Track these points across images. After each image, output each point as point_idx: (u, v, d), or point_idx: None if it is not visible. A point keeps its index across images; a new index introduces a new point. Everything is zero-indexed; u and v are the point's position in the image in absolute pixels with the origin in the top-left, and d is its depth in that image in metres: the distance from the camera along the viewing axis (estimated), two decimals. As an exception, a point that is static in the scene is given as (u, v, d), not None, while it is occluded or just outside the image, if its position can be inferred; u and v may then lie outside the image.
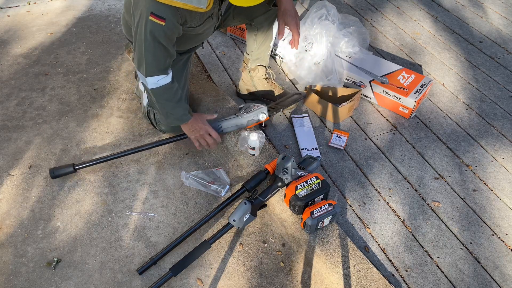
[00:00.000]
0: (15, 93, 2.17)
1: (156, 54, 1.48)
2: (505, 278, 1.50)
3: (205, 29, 1.62)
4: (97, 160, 1.76)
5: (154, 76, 1.54)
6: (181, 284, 1.48)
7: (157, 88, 1.57)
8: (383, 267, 1.50)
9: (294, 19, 1.70)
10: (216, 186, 1.74)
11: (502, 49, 2.62)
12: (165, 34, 1.44)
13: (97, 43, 2.53)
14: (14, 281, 1.46)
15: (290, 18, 1.70)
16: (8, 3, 2.84)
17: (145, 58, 1.49)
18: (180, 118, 1.69)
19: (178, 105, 1.65)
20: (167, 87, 1.58)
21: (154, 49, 1.47)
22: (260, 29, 1.84)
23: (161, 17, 1.39)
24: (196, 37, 1.68)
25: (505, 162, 1.91)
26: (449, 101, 2.22)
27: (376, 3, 2.99)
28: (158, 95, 1.60)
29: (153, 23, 1.40)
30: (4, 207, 1.67)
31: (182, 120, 1.70)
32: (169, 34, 1.46)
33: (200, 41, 1.79)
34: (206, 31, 1.67)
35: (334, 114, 2.01)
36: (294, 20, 1.70)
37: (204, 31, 1.65)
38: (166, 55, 1.51)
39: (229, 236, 1.62)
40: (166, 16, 1.39)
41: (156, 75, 1.53)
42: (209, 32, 1.70)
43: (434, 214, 1.68)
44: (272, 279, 1.51)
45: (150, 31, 1.42)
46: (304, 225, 1.51)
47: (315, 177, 1.56)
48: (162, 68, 1.54)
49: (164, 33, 1.43)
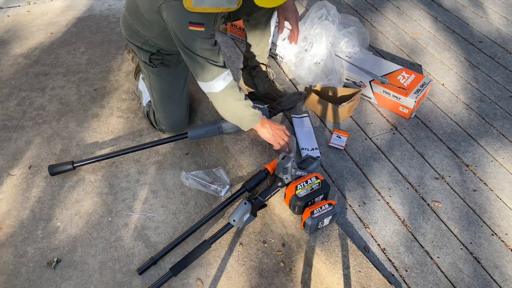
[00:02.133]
0: (15, 93, 2.17)
1: (209, 58, 1.49)
2: (505, 278, 1.50)
3: (217, 27, 1.64)
4: (96, 158, 1.76)
5: (219, 76, 1.52)
6: (181, 284, 1.48)
7: (226, 88, 1.54)
8: (383, 267, 1.50)
9: (294, 14, 1.71)
10: (216, 186, 1.74)
11: (502, 49, 2.62)
12: (207, 37, 1.46)
13: (97, 43, 2.53)
14: (14, 281, 1.46)
15: (291, 13, 1.71)
16: (8, 3, 2.84)
17: (202, 65, 1.49)
18: (253, 116, 1.61)
19: (248, 103, 1.60)
20: (234, 84, 1.56)
21: (205, 55, 1.48)
22: (258, 25, 1.84)
23: (199, 23, 1.41)
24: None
25: (505, 162, 1.91)
26: (449, 101, 2.22)
27: (376, 3, 2.99)
28: (229, 96, 1.56)
29: (193, 32, 1.42)
30: (4, 207, 1.67)
31: (256, 118, 1.62)
32: (209, 37, 1.48)
33: None
34: (216, 29, 1.68)
35: (334, 114, 2.01)
36: (294, 15, 1.71)
37: (216, 29, 1.66)
38: (217, 53, 1.52)
39: (229, 236, 1.62)
40: (203, 21, 1.41)
41: (219, 74, 1.52)
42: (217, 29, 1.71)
43: (434, 214, 1.68)
44: (272, 279, 1.51)
45: (194, 40, 1.44)
46: (304, 225, 1.51)
47: (315, 177, 1.56)
48: (221, 66, 1.52)
49: (205, 37, 1.45)
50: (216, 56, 1.51)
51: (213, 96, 1.59)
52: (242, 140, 1.84)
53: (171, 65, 1.77)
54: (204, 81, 1.54)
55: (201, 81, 1.55)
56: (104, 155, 1.76)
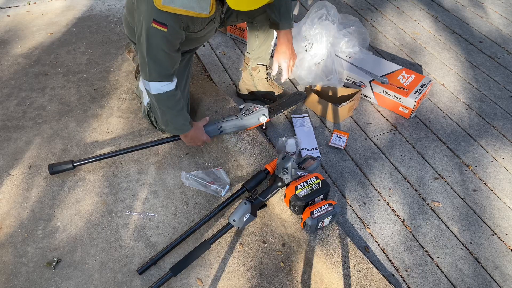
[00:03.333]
0: (15, 93, 2.17)
1: (158, 60, 1.48)
2: (505, 278, 1.50)
3: (207, 32, 1.63)
4: (96, 157, 1.76)
5: (157, 81, 1.53)
6: (181, 284, 1.48)
7: (160, 94, 1.56)
8: (383, 267, 1.50)
9: (288, 61, 1.76)
10: (216, 186, 1.74)
11: (502, 49, 2.62)
12: (167, 40, 1.44)
13: (97, 43, 2.53)
14: (14, 281, 1.46)
15: (283, 61, 1.76)
16: (8, 3, 2.84)
17: (148, 64, 1.49)
18: (180, 128, 1.69)
19: (179, 114, 1.65)
20: (170, 94, 1.58)
21: (156, 55, 1.47)
22: (261, 28, 1.84)
23: (163, 23, 1.39)
24: (199, 39, 1.69)
25: (505, 162, 1.91)
26: (449, 101, 2.22)
27: (376, 3, 2.99)
28: (161, 102, 1.60)
29: (155, 29, 1.41)
30: (4, 207, 1.67)
31: (182, 130, 1.70)
32: (172, 40, 1.46)
33: (202, 42, 1.80)
34: (209, 34, 1.68)
35: (334, 114, 2.01)
36: (287, 62, 1.76)
37: (207, 34, 1.66)
38: (169, 61, 1.51)
39: (229, 236, 1.62)
40: (168, 22, 1.40)
41: (159, 80, 1.53)
42: (211, 33, 1.71)
43: (434, 214, 1.68)
44: (272, 279, 1.51)
45: (153, 37, 1.42)
46: (304, 225, 1.51)
47: (315, 177, 1.56)
48: (165, 74, 1.53)
49: (166, 39, 1.44)
50: (165, 64, 1.50)
51: (147, 92, 1.61)
52: (242, 140, 1.84)
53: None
54: (142, 75, 1.56)
55: (142, 77, 1.57)
56: (104, 154, 1.76)
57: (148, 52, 1.46)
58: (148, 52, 1.46)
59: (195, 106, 2.06)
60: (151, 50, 1.46)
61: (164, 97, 1.58)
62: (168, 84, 1.55)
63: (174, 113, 1.64)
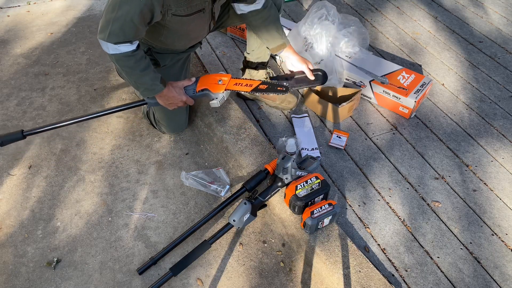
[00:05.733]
0: (15, 93, 2.17)
1: (124, 28, 1.38)
2: (505, 278, 1.50)
3: (195, 23, 1.57)
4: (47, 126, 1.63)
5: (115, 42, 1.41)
6: (181, 284, 1.48)
7: (117, 54, 1.44)
8: (383, 267, 1.50)
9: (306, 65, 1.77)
10: (216, 186, 1.74)
11: (502, 49, 2.62)
12: (141, 11, 1.34)
13: (97, 43, 2.53)
14: (14, 281, 1.46)
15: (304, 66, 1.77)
16: (8, 3, 2.84)
17: (110, 28, 1.38)
18: (150, 88, 1.56)
19: (145, 74, 1.52)
20: (128, 55, 1.45)
21: (124, 23, 1.36)
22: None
23: None
24: (189, 32, 1.63)
25: (505, 162, 1.91)
26: (449, 101, 2.22)
27: (376, 3, 2.99)
28: (119, 62, 1.48)
29: None
30: (4, 207, 1.67)
31: (153, 90, 1.58)
32: (145, 11, 1.35)
33: (195, 38, 1.74)
34: (198, 28, 1.63)
35: (334, 114, 2.01)
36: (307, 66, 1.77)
37: (196, 26, 1.60)
38: (134, 33, 1.41)
39: (229, 236, 1.62)
40: None
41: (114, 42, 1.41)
42: (202, 29, 1.67)
43: (434, 214, 1.68)
44: (272, 279, 1.51)
45: (124, 2, 1.32)
46: (304, 225, 1.51)
47: (315, 177, 1.56)
48: (124, 40, 1.42)
49: (140, 9, 1.33)
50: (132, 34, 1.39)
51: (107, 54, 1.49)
52: (242, 140, 1.84)
53: (167, 65, 1.76)
54: (100, 35, 1.42)
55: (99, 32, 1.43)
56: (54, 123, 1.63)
57: (115, 17, 1.35)
58: (115, 17, 1.35)
59: (195, 106, 2.06)
60: (119, 16, 1.35)
61: (121, 57, 1.46)
62: (127, 45, 1.44)
63: (138, 73, 1.52)
